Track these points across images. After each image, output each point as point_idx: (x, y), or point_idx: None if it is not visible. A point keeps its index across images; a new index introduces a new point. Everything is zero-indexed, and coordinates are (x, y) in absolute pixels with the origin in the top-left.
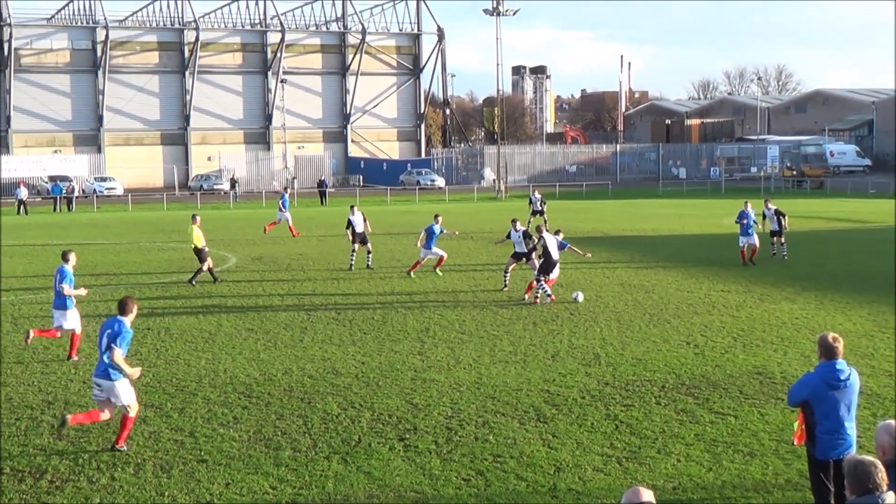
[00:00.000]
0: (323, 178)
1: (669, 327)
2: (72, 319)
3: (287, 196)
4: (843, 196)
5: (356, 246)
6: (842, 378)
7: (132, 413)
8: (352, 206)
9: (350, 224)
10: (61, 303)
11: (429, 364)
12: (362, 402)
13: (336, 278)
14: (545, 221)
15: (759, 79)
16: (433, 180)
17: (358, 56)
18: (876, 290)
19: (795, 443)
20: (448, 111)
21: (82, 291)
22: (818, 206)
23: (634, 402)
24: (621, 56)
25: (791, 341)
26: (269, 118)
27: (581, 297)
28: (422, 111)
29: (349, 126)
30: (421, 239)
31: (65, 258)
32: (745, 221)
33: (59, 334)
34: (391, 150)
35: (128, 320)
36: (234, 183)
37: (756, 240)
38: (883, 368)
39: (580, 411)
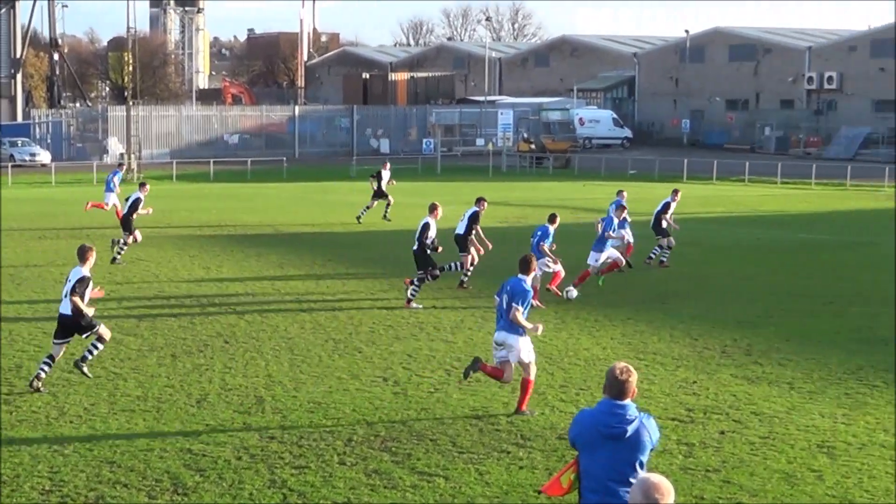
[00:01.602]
0: None
1: (361, 358)
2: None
3: (121, 173)
4: (595, 178)
5: (131, 239)
6: (616, 424)
7: (532, 375)
8: (142, 184)
9: (136, 207)
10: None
11: (19, 417)
12: None
13: None
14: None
15: (488, 20)
16: (34, 154)
17: None
18: (632, 304)
19: (543, 492)
20: (57, 56)
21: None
22: (563, 192)
23: (310, 462)
24: None
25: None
26: None
27: (574, 294)
28: (18, 55)
29: None
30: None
31: (552, 220)
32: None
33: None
34: None
35: (528, 279)
36: None
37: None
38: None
39: (234, 477)
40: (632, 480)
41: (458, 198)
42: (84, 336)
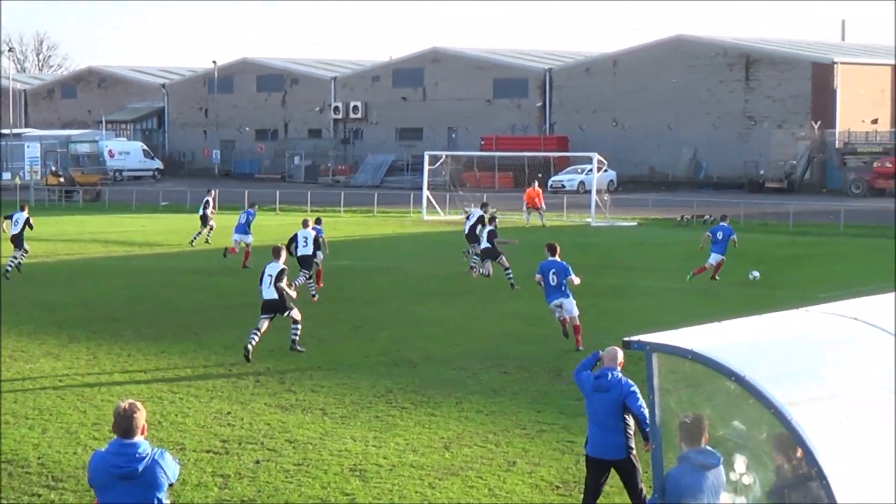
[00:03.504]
0: None
1: None
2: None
3: (254, 212)
4: (127, 211)
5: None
6: (125, 464)
7: (578, 321)
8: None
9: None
10: None
11: None
12: None
13: None
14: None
15: (11, 50)
16: None
17: None
18: (165, 337)
19: None
20: None
21: None
22: (94, 226)
23: None
24: None
25: (53, 413)
26: None
27: (756, 275)
28: None
29: None
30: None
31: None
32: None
33: None
34: None
35: (558, 257)
36: None
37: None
38: (174, 440)
39: None
40: None
41: None
42: (284, 315)
